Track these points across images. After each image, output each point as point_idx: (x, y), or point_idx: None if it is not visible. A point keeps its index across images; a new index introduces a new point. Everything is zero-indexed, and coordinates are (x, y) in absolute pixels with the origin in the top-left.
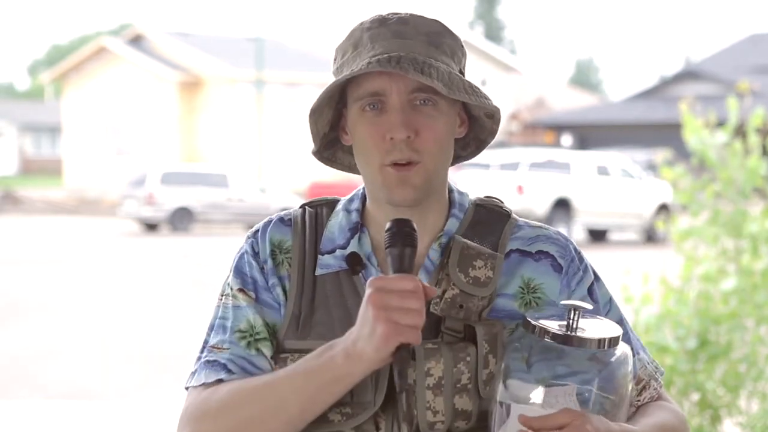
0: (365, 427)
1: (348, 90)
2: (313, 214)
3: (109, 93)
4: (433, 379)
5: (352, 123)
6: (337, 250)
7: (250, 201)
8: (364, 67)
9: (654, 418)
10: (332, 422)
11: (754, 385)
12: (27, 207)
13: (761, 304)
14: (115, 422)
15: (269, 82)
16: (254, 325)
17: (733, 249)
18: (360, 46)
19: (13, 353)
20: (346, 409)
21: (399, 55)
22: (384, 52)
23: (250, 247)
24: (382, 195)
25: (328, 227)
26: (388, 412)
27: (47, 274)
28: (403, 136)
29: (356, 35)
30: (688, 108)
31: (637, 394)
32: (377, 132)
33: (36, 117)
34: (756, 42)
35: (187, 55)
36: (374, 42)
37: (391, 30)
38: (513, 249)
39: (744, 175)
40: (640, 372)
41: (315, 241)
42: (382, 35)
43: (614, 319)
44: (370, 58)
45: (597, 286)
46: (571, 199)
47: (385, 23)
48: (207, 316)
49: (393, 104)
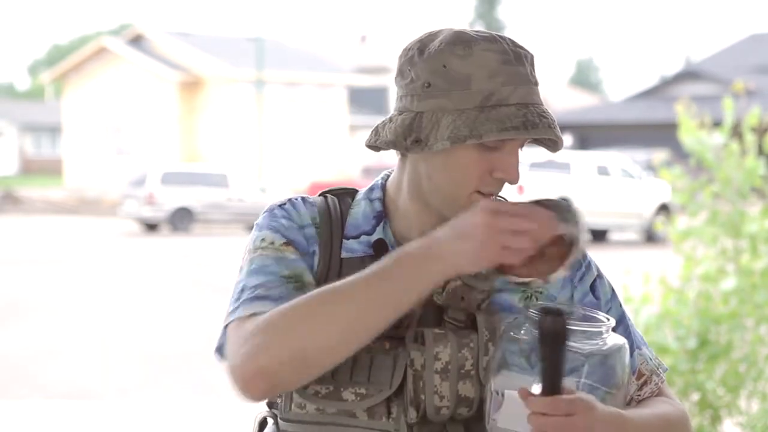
0: (377, 410)
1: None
2: (335, 201)
3: (109, 93)
4: (441, 364)
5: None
6: (362, 236)
7: (250, 201)
8: (536, 128)
9: (650, 409)
10: (346, 401)
11: (754, 385)
12: (27, 207)
13: (761, 303)
14: (115, 422)
15: (269, 82)
16: (300, 275)
17: (732, 249)
18: (495, 77)
19: (13, 353)
20: (361, 390)
21: (548, 113)
22: (528, 101)
23: (286, 213)
24: (454, 215)
25: (351, 214)
26: (400, 397)
27: (47, 274)
28: (516, 181)
29: (489, 63)
30: (685, 108)
31: (637, 389)
32: (486, 165)
33: (36, 117)
34: (756, 42)
35: (187, 55)
36: (515, 84)
37: (524, 71)
38: None
39: (742, 175)
40: (641, 367)
41: (340, 225)
42: (521, 78)
43: (616, 315)
44: (527, 111)
45: (599, 282)
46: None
47: (520, 60)
48: (207, 317)
49: (513, 149)
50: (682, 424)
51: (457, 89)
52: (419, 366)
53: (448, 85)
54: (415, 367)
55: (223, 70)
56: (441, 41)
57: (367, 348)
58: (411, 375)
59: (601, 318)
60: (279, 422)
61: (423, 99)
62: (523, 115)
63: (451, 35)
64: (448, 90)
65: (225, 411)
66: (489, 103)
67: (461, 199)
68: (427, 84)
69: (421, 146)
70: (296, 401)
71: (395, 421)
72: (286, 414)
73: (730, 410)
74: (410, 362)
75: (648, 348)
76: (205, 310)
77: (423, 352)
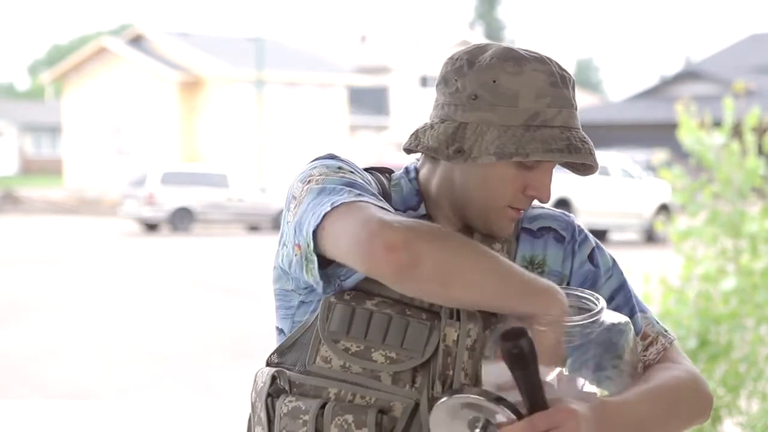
0: (402, 377)
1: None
2: (379, 176)
3: (109, 93)
4: (471, 341)
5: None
6: (408, 210)
7: (250, 201)
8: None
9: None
10: (375, 362)
11: (754, 385)
12: (27, 207)
13: (761, 303)
14: (115, 422)
15: (269, 82)
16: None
17: (732, 249)
18: (542, 98)
19: (13, 353)
20: (392, 354)
21: (586, 138)
22: (570, 125)
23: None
24: (485, 226)
25: (395, 191)
26: (426, 368)
27: (47, 274)
28: (548, 200)
29: (537, 83)
30: (685, 108)
31: (643, 350)
32: (520, 182)
33: (36, 117)
34: (756, 42)
35: (187, 55)
36: (559, 107)
37: (568, 95)
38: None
39: (742, 175)
40: (646, 329)
41: (387, 199)
42: (565, 101)
43: (617, 282)
44: (569, 135)
45: (598, 252)
46: (571, 199)
47: (565, 83)
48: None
49: (547, 169)
50: (688, 387)
51: (504, 105)
52: (451, 341)
53: (496, 100)
54: (447, 342)
55: (223, 70)
56: (492, 55)
57: (404, 314)
58: (442, 349)
59: (593, 303)
60: (291, 375)
61: (468, 110)
62: (566, 138)
63: (502, 51)
64: (494, 104)
65: (225, 411)
66: (534, 122)
67: (492, 212)
68: (474, 96)
69: (464, 157)
70: (322, 354)
71: (418, 391)
72: (309, 366)
73: (730, 410)
74: (443, 337)
75: (653, 315)
76: (205, 310)
77: (458, 328)
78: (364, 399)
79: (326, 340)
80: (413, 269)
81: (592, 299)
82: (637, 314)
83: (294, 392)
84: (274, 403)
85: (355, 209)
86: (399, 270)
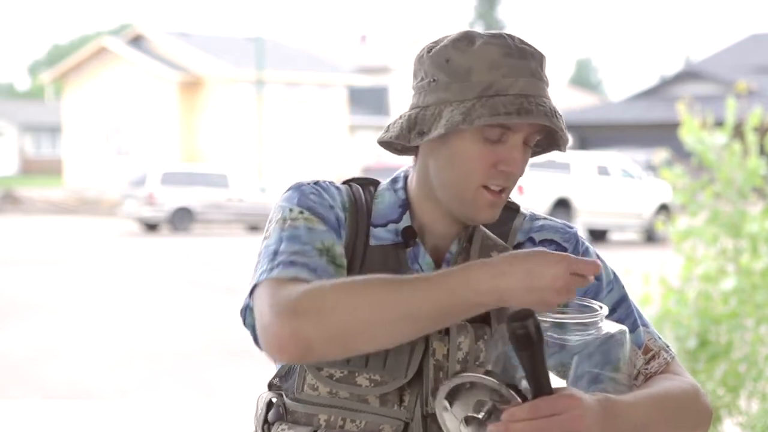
0: (390, 398)
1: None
2: (359, 189)
3: (109, 93)
4: (462, 353)
5: (458, 138)
6: (389, 224)
7: (250, 201)
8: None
9: (652, 388)
10: (360, 386)
11: (754, 385)
12: (27, 207)
13: (761, 304)
14: (115, 422)
15: (269, 82)
16: (331, 248)
17: (733, 249)
18: (496, 69)
19: (13, 353)
20: (376, 376)
21: (550, 105)
22: (529, 93)
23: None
24: (463, 211)
25: (377, 203)
26: (414, 387)
27: (47, 274)
28: (521, 173)
29: (490, 55)
30: (686, 108)
31: (644, 363)
32: (490, 158)
33: (36, 117)
34: (756, 42)
35: (187, 55)
36: (516, 76)
37: (528, 65)
38: (521, 241)
39: (743, 175)
40: (648, 343)
41: (366, 213)
42: (523, 71)
43: (617, 296)
44: (525, 101)
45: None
46: (571, 199)
47: (524, 55)
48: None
49: (516, 141)
50: (689, 398)
51: (458, 81)
52: (441, 356)
53: (451, 78)
54: (437, 357)
55: (223, 70)
56: (447, 39)
57: None
58: (432, 364)
59: (595, 307)
60: (286, 402)
61: (428, 94)
62: (519, 103)
63: (456, 33)
64: (450, 83)
65: (225, 411)
66: (488, 93)
67: (467, 194)
68: (433, 80)
69: (423, 138)
70: (309, 382)
71: (407, 410)
72: (297, 394)
73: (730, 410)
74: (432, 352)
75: (654, 329)
76: (205, 310)
77: (447, 343)
78: (354, 423)
79: (309, 368)
80: (309, 355)
81: (594, 306)
82: (639, 328)
83: (288, 419)
84: (270, 429)
85: (266, 291)
86: (297, 359)
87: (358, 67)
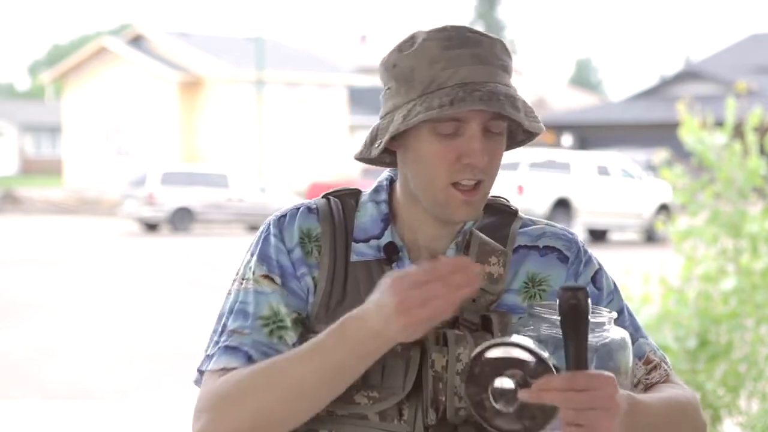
0: (389, 413)
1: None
2: (339, 204)
3: (109, 93)
4: (462, 365)
5: (416, 139)
6: (371, 239)
7: (250, 201)
8: (463, 102)
9: (659, 393)
10: (358, 405)
11: (754, 385)
12: (27, 207)
13: (761, 304)
14: (115, 422)
15: (269, 82)
16: (278, 312)
17: (733, 249)
18: (435, 63)
19: (13, 353)
20: (374, 393)
21: (495, 89)
22: (471, 80)
23: (278, 232)
24: (440, 212)
25: (358, 217)
26: (412, 400)
27: (47, 274)
28: (483, 164)
29: (430, 51)
30: (686, 108)
31: (645, 373)
32: (450, 154)
33: (36, 117)
34: (756, 42)
35: (187, 55)
36: (455, 67)
37: (470, 53)
38: (520, 245)
39: (743, 175)
40: (649, 354)
41: (346, 228)
42: (462, 60)
43: (617, 307)
44: (462, 89)
45: (601, 274)
46: (571, 199)
47: (465, 44)
48: (206, 317)
49: (473, 131)
50: (692, 407)
51: (404, 85)
52: (440, 368)
53: (399, 83)
54: (436, 369)
55: (223, 70)
56: (396, 44)
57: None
58: (431, 377)
59: (603, 311)
60: None
61: (385, 103)
62: (455, 93)
63: (405, 37)
64: (398, 88)
65: None
66: (429, 90)
67: (439, 194)
68: (387, 88)
69: (377, 148)
70: None
71: (407, 423)
72: None
73: (730, 410)
74: (431, 363)
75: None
76: (204, 310)
77: (446, 354)
78: None
79: None
80: None
81: (602, 310)
82: (640, 339)
83: None
84: None
85: (207, 386)
86: None
87: (358, 67)
